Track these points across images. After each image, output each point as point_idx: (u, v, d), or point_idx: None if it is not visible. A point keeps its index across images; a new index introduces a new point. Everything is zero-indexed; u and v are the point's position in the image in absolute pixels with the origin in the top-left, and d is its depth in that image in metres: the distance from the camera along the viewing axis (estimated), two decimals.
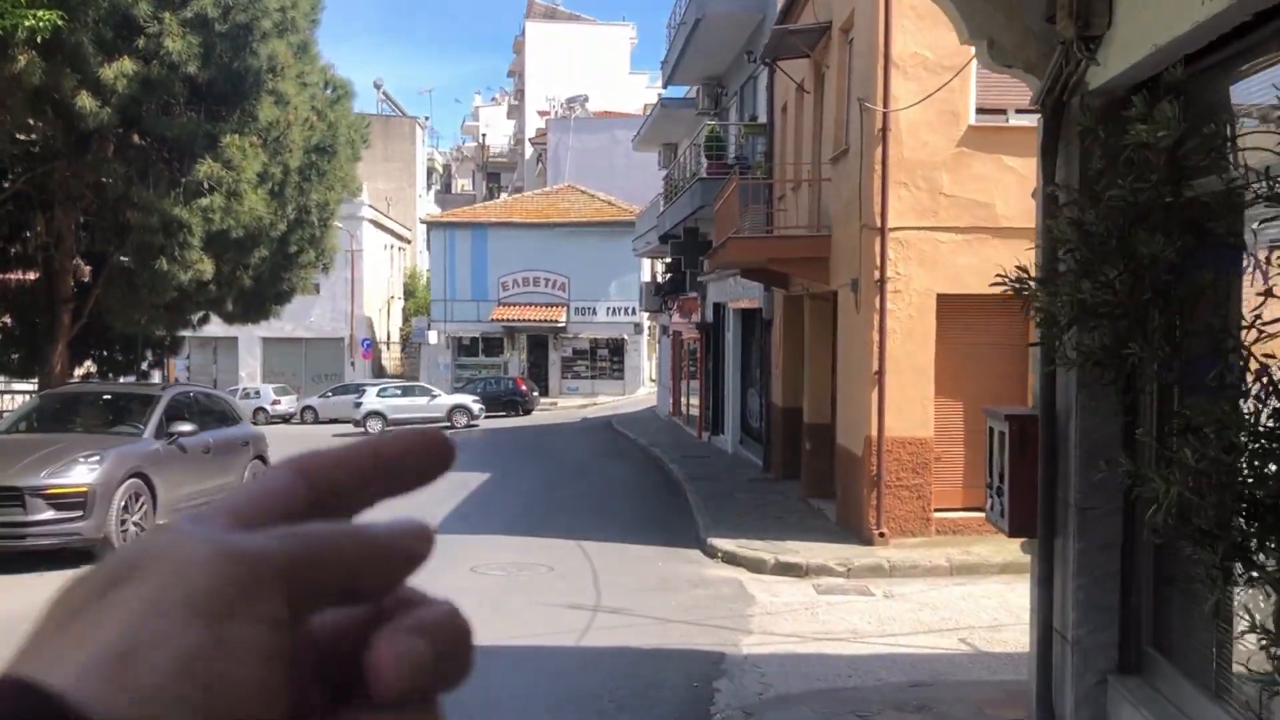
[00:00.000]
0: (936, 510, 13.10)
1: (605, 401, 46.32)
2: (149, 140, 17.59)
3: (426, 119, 73.89)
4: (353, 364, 49.05)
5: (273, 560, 0.45)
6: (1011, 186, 12.84)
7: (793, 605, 10.64)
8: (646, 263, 43.89)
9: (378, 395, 40.03)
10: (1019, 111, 12.58)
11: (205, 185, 16.71)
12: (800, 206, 17.14)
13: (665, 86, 29.87)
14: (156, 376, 25.79)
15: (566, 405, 45.54)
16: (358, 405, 39.07)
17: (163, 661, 0.41)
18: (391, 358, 55.10)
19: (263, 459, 15.55)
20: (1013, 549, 11.29)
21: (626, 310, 47.04)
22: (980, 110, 12.86)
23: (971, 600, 10.77)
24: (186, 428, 13.78)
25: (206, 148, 16.67)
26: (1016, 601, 9.60)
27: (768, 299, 20.67)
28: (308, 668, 0.47)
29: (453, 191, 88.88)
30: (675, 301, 33.88)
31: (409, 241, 60.37)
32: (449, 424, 36.92)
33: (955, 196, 12.81)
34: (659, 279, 37.80)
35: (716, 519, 14.92)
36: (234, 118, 17.18)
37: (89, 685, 0.41)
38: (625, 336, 48.27)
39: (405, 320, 57.67)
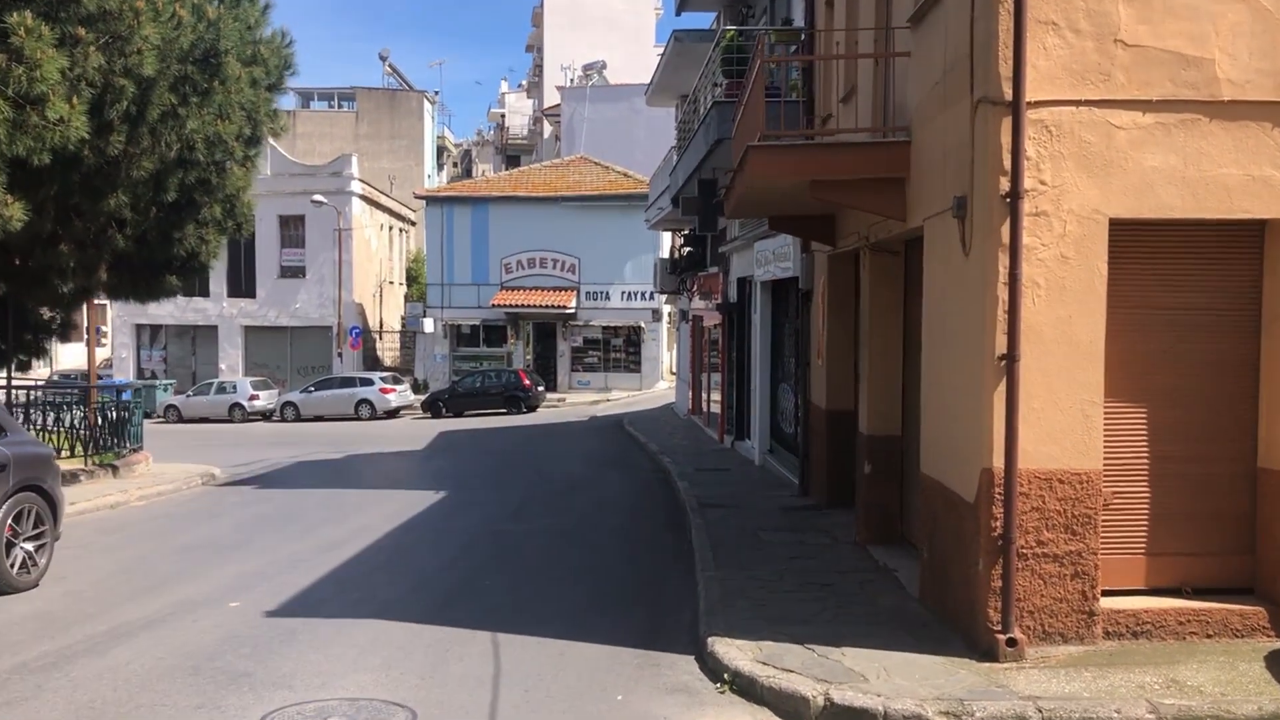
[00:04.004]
0: (1106, 593, 7.62)
1: (619, 397, 40.93)
2: None
3: (436, 94, 68.79)
4: (340, 355, 43.93)
5: None
6: (1244, 25, 7.30)
7: None
8: (666, 241, 38.41)
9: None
10: None
11: None
12: (860, 112, 11.63)
13: (679, 12, 24.34)
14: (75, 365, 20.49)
15: (576, 401, 40.22)
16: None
17: None
18: (388, 348, 49.94)
19: (38, 489, 10.28)
20: (1257, 674, 6.07)
21: (643, 295, 41.54)
22: None
23: None
24: None
25: None
26: None
27: (805, 263, 15.19)
28: None
29: (473, 177, 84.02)
30: (695, 281, 28.45)
31: (413, 223, 55.23)
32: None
33: (1143, 47, 7.30)
34: (677, 255, 32.33)
35: (730, 589, 9.49)
36: None
37: None
38: (642, 324, 42.73)
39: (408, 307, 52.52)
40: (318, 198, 41.57)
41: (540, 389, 38.49)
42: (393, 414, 38.04)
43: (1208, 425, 7.73)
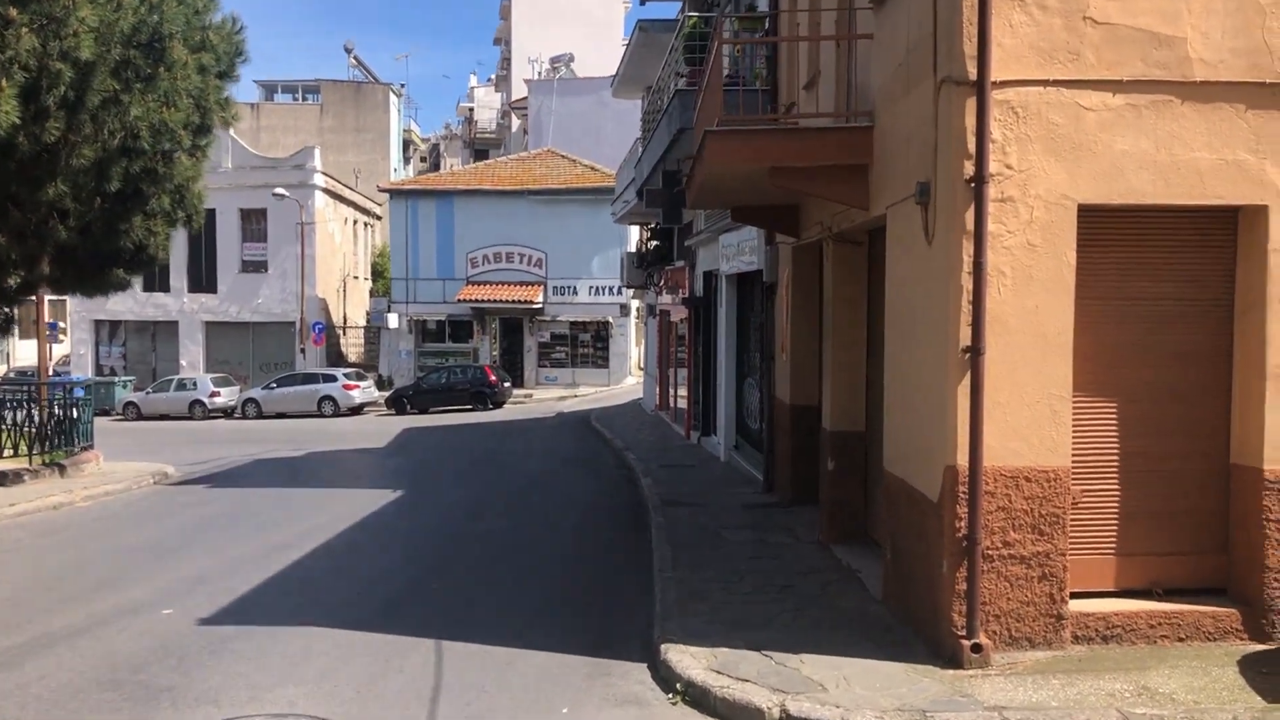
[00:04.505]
0: (1075, 596, 7.31)
1: (587, 393, 40.50)
2: None
3: (403, 86, 67.98)
4: (303, 351, 43.24)
5: None
6: (1217, 2, 7.00)
7: None
8: (634, 235, 38.01)
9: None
10: None
11: None
12: (822, 99, 11.29)
13: (644, 1, 23.93)
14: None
15: (543, 397, 39.76)
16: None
17: None
18: (352, 344, 49.24)
19: None
20: (1231, 680, 5.82)
21: (611, 290, 41.10)
22: None
23: None
24: None
25: None
26: None
27: (769, 256, 14.85)
28: None
29: (441, 171, 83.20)
30: (662, 275, 28.07)
31: (378, 217, 54.49)
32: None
33: (1114, 25, 6.98)
34: (644, 249, 31.93)
35: (687, 591, 9.12)
36: None
37: None
38: (610, 319, 42.32)
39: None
40: (279, 191, 40.86)
41: (506, 385, 37.99)
42: (356, 411, 37.44)
43: (1180, 420, 7.44)
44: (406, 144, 71.69)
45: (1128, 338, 7.38)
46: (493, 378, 37.32)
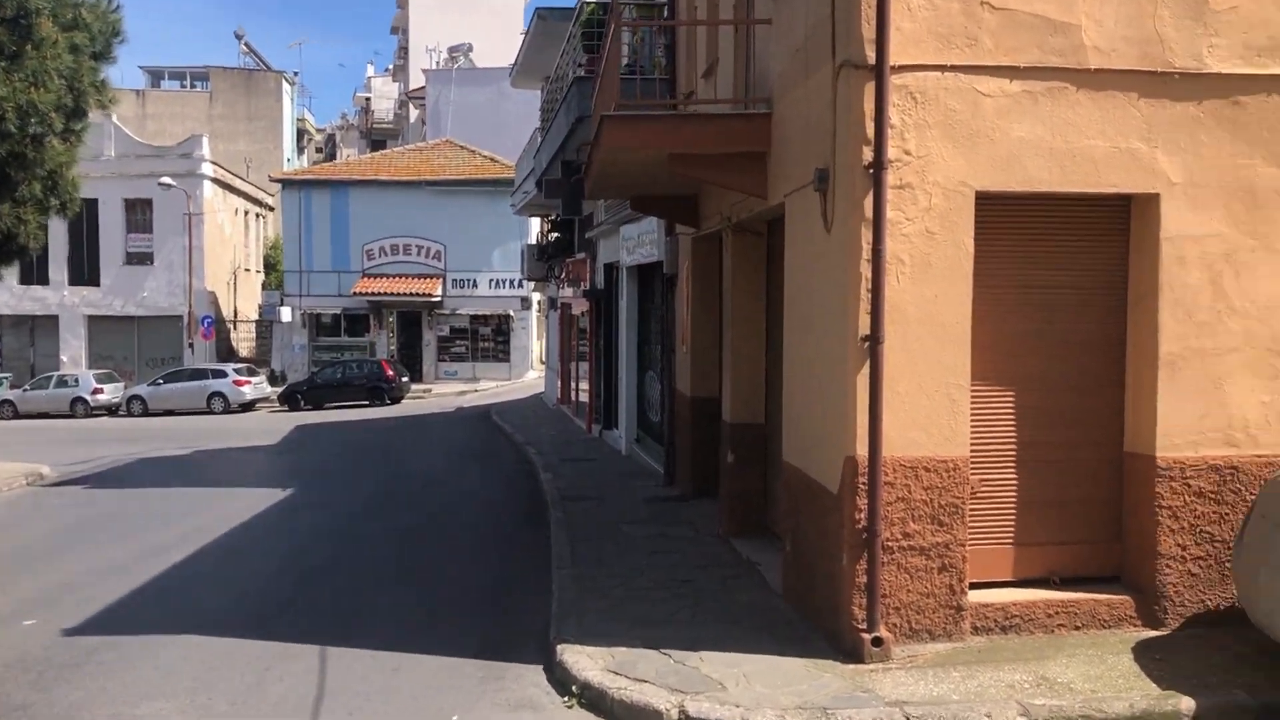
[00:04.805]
0: (974, 586, 7.27)
1: (488, 388, 39.94)
2: None
3: (296, 75, 66.14)
4: (191, 346, 41.77)
5: None
6: None
7: None
8: (535, 227, 37.61)
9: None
10: None
11: None
12: (721, 86, 11.12)
13: None
14: None
15: (442, 392, 39.09)
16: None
17: None
18: (243, 338, 47.78)
19: None
20: (1126, 667, 5.82)
21: (512, 282, 40.59)
22: None
23: None
24: None
25: None
26: None
27: (670, 247, 14.69)
28: None
29: (337, 162, 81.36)
30: (563, 267, 27.75)
31: (270, 208, 52.96)
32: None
33: (1011, 10, 6.92)
34: (545, 241, 31.57)
35: (586, 588, 8.87)
36: None
37: None
38: (511, 312, 41.80)
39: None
40: (165, 180, 39.37)
41: (405, 380, 37.22)
42: (248, 407, 36.29)
43: (1076, 409, 7.45)
44: (301, 134, 69.87)
45: (1026, 326, 7.36)
46: (390, 372, 36.53)
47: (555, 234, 28.78)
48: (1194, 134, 7.07)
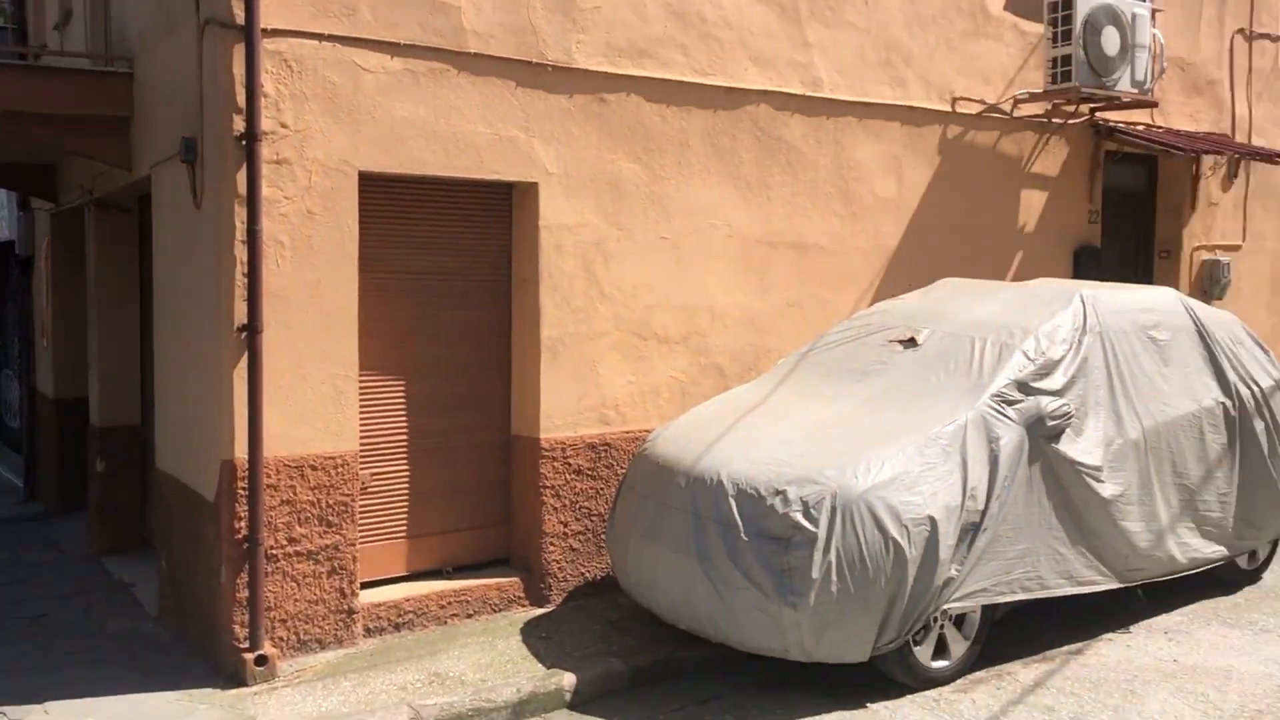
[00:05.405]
0: (368, 585, 6.94)
1: None
2: None
3: None
4: None
5: None
6: None
7: None
8: None
9: None
10: None
11: None
12: (76, 39, 9.66)
13: None
14: None
15: None
16: None
17: None
18: None
19: None
20: (515, 650, 5.92)
21: None
22: None
23: None
24: None
25: None
26: None
27: (24, 224, 12.67)
28: None
29: None
30: None
31: None
32: None
33: None
34: None
35: None
36: None
37: None
38: None
39: None
40: None
41: None
42: None
43: (466, 395, 7.42)
44: None
45: (415, 313, 7.17)
46: None
47: None
48: (566, 126, 7.33)
